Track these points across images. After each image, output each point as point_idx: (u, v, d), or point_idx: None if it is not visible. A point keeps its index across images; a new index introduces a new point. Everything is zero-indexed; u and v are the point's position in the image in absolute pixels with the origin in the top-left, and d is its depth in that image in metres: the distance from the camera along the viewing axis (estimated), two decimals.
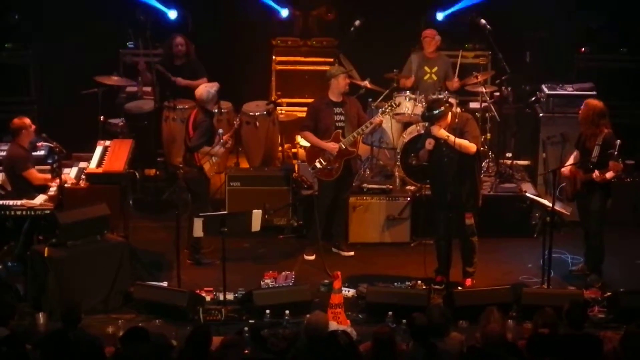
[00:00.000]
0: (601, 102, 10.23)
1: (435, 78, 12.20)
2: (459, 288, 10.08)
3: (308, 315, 7.98)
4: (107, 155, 10.89)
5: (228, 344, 7.39)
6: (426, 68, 12.23)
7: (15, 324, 8.61)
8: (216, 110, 11.34)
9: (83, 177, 10.64)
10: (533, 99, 12.61)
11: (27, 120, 10.49)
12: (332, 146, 10.75)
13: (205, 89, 10.73)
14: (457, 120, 9.93)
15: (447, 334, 7.86)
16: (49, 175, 10.50)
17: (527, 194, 11.31)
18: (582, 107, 10.31)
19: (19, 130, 10.40)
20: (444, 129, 9.85)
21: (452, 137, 9.79)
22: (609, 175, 9.96)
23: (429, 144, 9.90)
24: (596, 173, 9.95)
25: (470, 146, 9.88)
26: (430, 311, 7.94)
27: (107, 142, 11.21)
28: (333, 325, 8.62)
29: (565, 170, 10.24)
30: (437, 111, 9.87)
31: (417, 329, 7.62)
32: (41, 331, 8.94)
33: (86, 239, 9.82)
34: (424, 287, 10.13)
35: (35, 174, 10.41)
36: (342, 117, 10.82)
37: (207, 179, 10.81)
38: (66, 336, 7.50)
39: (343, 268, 10.21)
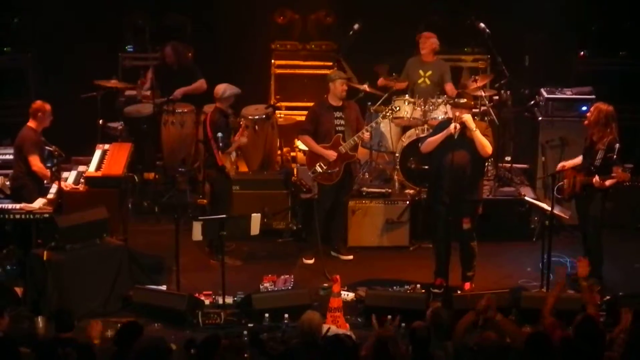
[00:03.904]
0: (610, 105, 10.25)
1: (429, 82, 12.14)
2: (458, 292, 10.08)
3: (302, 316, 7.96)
4: (106, 159, 10.90)
5: (228, 348, 7.39)
6: (420, 72, 12.18)
7: (13, 327, 8.61)
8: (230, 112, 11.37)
9: (82, 180, 10.63)
10: (532, 102, 12.61)
11: (48, 107, 10.55)
12: (330, 153, 10.76)
13: (223, 86, 10.87)
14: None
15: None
16: (48, 171, 10.48)
17: (526, 198, 11.30)
18: (591, 110, 10.30)
19: (35, 113, 10.48)
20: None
21: (478, 132, 9.86)
22: (608, 182, 9.99)
23: (455, 128, 9.90)
24: (596, 178, 9.97)
25: (488, 146, 9.94)
26: (438, 313, 7.91)
27: (106, 146, 11.22)
28: (332, 329, 8.61)
29: (562, 166, 10.29)
30: (464, 100, 10.01)
31: (418, 341, 7.56)
32: (40, 335, 8.94)
33: (85, 242, 9.83)
34: (423, 290, 10.14)
35: (37, 161, 10.39)
36: (342, 121, 10.83)
37: (229, 179, 10.85)
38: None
39: (342, 272, 10.20)
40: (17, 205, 10.16)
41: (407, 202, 11.45)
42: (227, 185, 10.96)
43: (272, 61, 13.58)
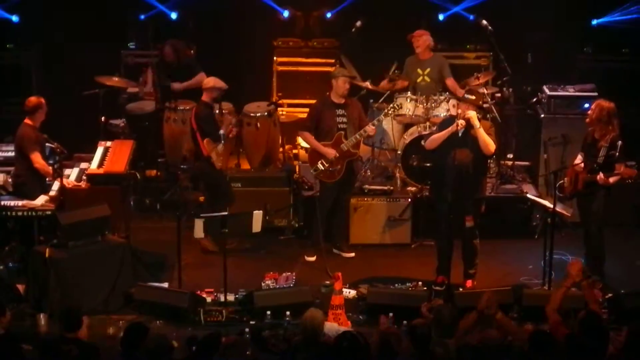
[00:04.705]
0: (611, 102, 10.23)
1: (428, 80, 12.08)
2: (460, 289, 10.08)
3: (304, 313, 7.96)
4: (108, 156, 10.90)
5: (230, 345, 7.40)
6: (419, 70, 12.13)
7: (15, 324, 8.63)
8: (217, 111, 11.33)
9: (84, 177, 10.64)
10: (534, 100, 12.60)
11: (43, 101, 10.57)
12: (329, 151, 10.76)
13: (213, 79, 10.91)
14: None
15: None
16: (50, 168, 10.49)
17: (528, 195, 11.30)
18: (592, 107, 10.28)
19: (32, 110, 10.46)
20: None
21: (481, 130, 9.84)
22: (612, 179, 9.98)
23: (460, 125, 9.89)
24: (600, 175, 9.96)
25: (492, 144, 9.92)
26: (440, 311, 7.90)
27: (108, 143, 11.22)
28: (334, 327, 8.62)
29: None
30: (473, 97, 9.99)
31: (419, 338, 7.55)
32: (42, 332, 8.95)
33: (87, 239, 9.83)
34: (425, 288, 10.14)
35: (39, 158, 10.39)
36: (344, 119, 10.82)
37: (217, 170, 10.84)
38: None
39: (344, 269, 10.21)
40: (19, 202, 10.17)
41: (409, 200, 11.44)
42: (217, 177, 10.94)
43: (274, 58, 13.58)
